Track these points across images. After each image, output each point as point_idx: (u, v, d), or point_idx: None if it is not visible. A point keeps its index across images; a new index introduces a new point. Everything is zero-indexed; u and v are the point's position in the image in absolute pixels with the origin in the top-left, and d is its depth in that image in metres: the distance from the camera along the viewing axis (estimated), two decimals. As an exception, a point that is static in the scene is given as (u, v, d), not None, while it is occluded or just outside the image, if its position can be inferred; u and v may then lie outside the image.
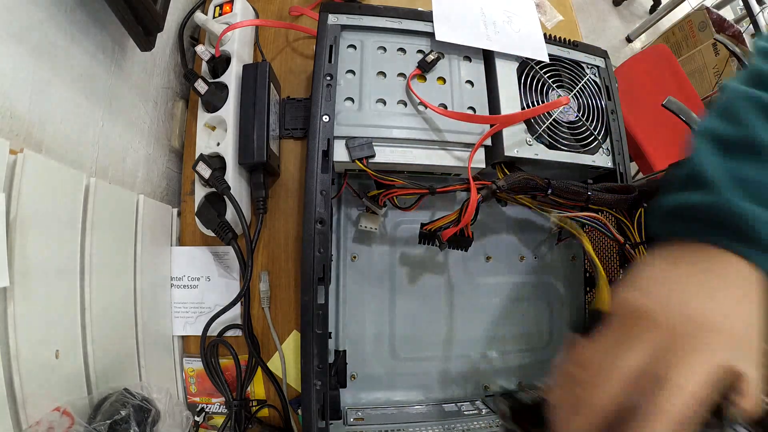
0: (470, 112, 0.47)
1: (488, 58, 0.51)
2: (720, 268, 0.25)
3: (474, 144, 0.46)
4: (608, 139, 0.52)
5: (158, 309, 0.53)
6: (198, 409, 0.56)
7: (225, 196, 0.49)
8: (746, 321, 0.24)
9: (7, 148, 0.30)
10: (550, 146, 0.48)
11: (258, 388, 0.57)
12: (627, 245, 0.46)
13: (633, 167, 1.29)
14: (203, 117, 0.54)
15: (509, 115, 0.47)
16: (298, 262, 0.57)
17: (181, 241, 0.58)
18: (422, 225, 0.47)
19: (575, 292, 0.59)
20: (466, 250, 0.48)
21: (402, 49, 0.49)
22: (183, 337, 0.57)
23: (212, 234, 0.51)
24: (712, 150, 0.28)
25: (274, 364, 0.56)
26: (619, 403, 0.23)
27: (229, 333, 0.55)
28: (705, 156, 0.28)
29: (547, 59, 0.51)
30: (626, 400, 0.23)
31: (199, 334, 0.53)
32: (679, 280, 0.26)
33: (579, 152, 0.50)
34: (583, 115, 0.51)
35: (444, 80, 0.48)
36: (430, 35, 0.49)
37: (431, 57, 0.48)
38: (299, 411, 0.55)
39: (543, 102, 0.50)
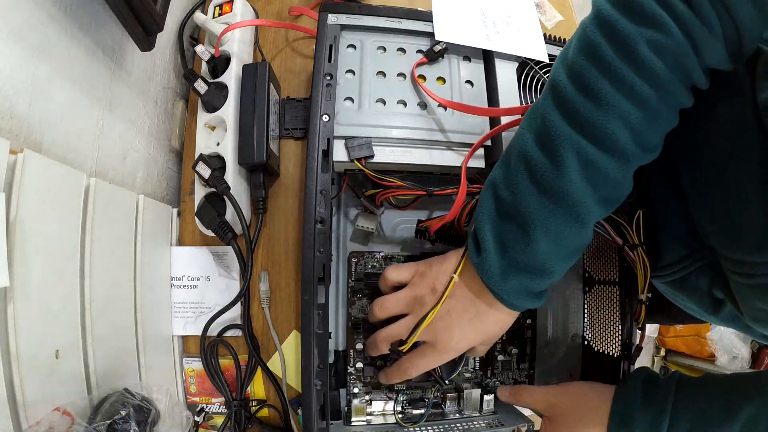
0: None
1: (488, 58, 0.51)
2: (483, 306, 0.38)
3: (473, 144, 0.46)
4: (608, 139, 0.52)
5: (158, 309, 0.53)
6: (198, 409, 0.56)
7: (225, 196, 0.49)
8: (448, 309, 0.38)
9: (7, 148, 0.30)
10: (550, 146, 0.48)
11: (258, 388, 0.57)
12: (625, 247, 0.46)
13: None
14: (203, 117, 0.54)
15: (510, 108, 0.47)
16: (298, 262, 0.57)
17: (180, 241, 0.58)
18: (419, 221, 0.49)
19: (574, 291, 0.59)
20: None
21: (402, 49, 0.49)
22: (183, 337, 0.57)
23: (212, 234, 0.51)
24: (490, 211, 0.36)
25: (274, 364, 0.56)
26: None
27: (229, 333, 0.55)
28: (484, 219, 0.36)
29: (546, 59, 0.51)
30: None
31: (199, 334, 0.53)
32: (447, 269, 0.39)
33: (579, 152, 0.50)
34: (582, 115, 0.51)
35: (444, 80, 0.48)
36: (430, 35, 0.49)
37: (438, 47, 0.48)
38: (299, 411, 0.55)
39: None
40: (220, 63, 0.55)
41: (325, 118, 0.43)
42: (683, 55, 0.29)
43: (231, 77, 0.54)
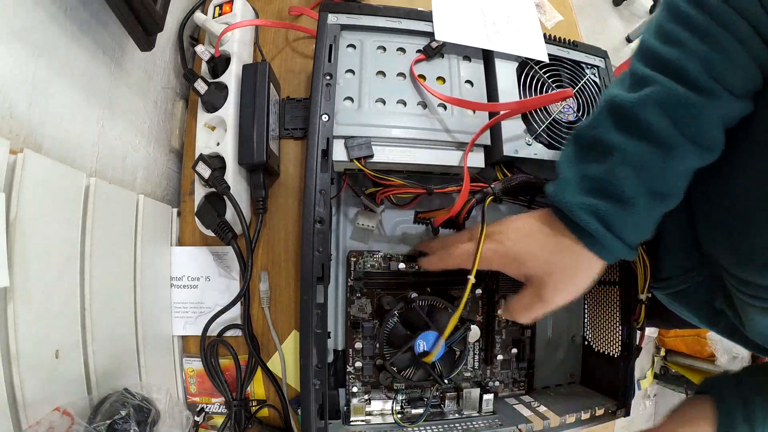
0: (470, 112, 0.47)
1: (488, 58, 0.51)
2: (550, 231, 0.37)
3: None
4: (608, 139, 0.52)
5: (158, 309, 0.53)
6: (198, 409, 0.56)
7: (225, 196, 0.49)
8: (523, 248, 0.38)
9: (7, 148, 0.30)
10: (549, 146, 0.48)
11: (258, 388, 0.57)
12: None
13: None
14: (203, 117, 0.54)
15: (509, 103, 0.47)
16: (298, 262, 0.57)
17: (181, 241, 0.58)
18: (418, 212, 0.50)
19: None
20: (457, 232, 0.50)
21: (402, 49, 0.49)
22: (183, 337, 0.57)
23: (212, 234, 0.51)
24: (569, 155, 0.38)
25: (273, 364, 0.56)
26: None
27: (229, 333, 0.55)
28: (562, 160, 0.38)
29: (546, 59, 0.51)
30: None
31: (199, 334, 0.53)
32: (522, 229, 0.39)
33: (578, 152, 0.50)
34: (582, 115, 0.51)
35: (444, 80, 0.48)
36: (430, 35, 0.49)
37: (436, 44, 0.48)
38: (299, 411, 0.55)
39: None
40: (220, 63, 0.55)
41: (325, 117, 0.43)
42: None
43: (231, 77, 0.54)
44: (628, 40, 2.28)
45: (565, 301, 0.38)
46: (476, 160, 0.46)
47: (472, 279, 0.39)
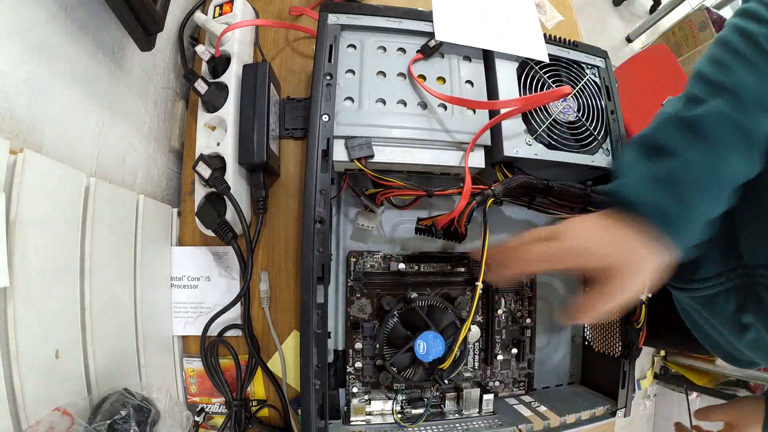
0: (470, 112, 0.47)
1: (488, 58, 0.51)
2: (617, 225, 0.38)
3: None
4: (608, 140, 0.52)
5: (158, 309, 0.53)
6: (198, 409, 0.56)
7: (225, 196, 0.49)
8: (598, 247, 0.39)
9: (7, 148, 0.30)
10: (550, 146, 0.48)
11: (258, 388, 0.57)
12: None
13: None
14: (203, 117, 0.54)
15: (509, 100, 0.47)
16: (298, 262, 0.57)
17: (181, 241, 0.58)
18: (419, 219, 0.50)
19: (573, 291, 0.59)
20: (459, 243, 0.51)
21: (402, 49, 0.49)
22: (183, 337, 0.57)
23: (212, 234, 0.51)
24: (634, 155, 0.41)
25: (274, 364, 0.56)
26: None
27: (229, 333, 0.55)
28: (628, 158, 0.41)
29: (546, 59, 0.51)
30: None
31: (199, 334, 0.54)
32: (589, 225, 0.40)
33: (578, 152, 0.50)
34: (582, 115, 0.51)
35: (444, 80, 0.48)
36: (430, 35, 0.49)
37: (433, 42, 0.48)
38: (299, 411, 0.55)
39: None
40: (220, 63, 0.55)
41: (325, 118, 0.43)
42: None
43: (231, 77, 0.54)
44: (628, 40, 2.28)
45: (631, 293, 0.38)
46: (477, 160, 0.46)
47: (480, 285, 0.40)
